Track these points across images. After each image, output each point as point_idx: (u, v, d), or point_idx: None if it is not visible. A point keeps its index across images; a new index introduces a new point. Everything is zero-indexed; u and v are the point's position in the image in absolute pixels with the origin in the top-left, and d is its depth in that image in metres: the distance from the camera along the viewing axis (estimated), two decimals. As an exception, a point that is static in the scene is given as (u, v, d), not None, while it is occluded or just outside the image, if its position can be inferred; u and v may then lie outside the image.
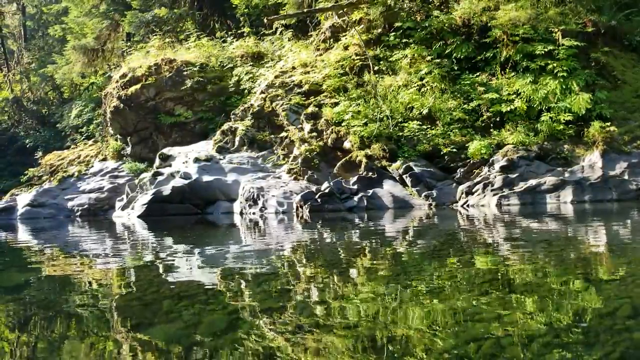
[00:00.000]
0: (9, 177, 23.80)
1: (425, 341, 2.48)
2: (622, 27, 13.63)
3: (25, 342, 2.78)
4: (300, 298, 3.46)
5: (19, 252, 7.29)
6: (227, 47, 17.86)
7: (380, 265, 4.58)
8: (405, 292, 3.48)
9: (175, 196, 12.93)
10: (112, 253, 6.52)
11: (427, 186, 11.59)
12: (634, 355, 2.23)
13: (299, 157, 13.04)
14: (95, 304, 3.59)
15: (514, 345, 2.35)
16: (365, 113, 12.62)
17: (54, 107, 27.42)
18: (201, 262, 5.32)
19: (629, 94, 12.62)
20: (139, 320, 3.10)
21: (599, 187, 10.84)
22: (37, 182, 18.52)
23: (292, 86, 14.36)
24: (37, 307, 3.52)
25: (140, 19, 21.48)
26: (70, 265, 5.59)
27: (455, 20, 13.63)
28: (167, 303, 3.45)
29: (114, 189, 15.67)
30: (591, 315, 2.80)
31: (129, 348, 2.58)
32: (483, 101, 12.39)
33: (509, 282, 3.67)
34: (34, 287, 4.37)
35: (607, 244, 5.53)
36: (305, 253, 5.74)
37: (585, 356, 2.21)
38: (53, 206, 15.71)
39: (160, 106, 16.86)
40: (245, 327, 2.81)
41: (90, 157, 18.84)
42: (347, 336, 2.58)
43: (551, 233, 6.61)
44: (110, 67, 22.75)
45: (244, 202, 12.50)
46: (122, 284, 4.35)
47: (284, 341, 2.56)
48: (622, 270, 3.95)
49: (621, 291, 3.25)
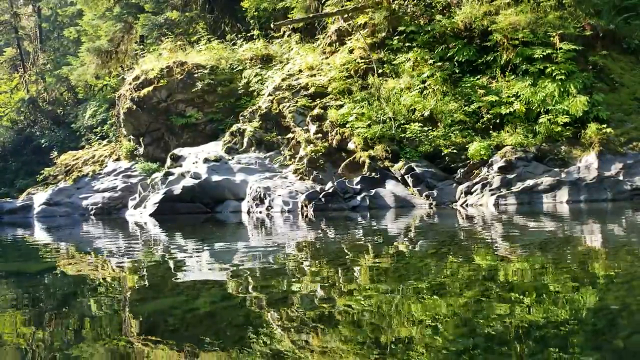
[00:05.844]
0: (25, 176, 24.40)
1: (427, 337, 2.56)
2: (621, 30, 13.89)
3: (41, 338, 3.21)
4: (304, 294, 3.61)
5: (39, 249, 7.78)
6: (237, 50, 18.27)
7: (382, 263, 4.79)
8: (407, 288, 3.59)
9: (185, 195, 13.42)
10: (126, 250, 6.99)
11: (428, 186, 11.98)
12: (631, 353, 2.30)
13: (304, 157, 13.48)
14: (109, 300, 4.03)
15: (513, 342, 2.44)
16: (369, 115, 13.02)
17: (69, 108, 28.01)
18: (211, 258, 5.68)
19: (626, 96, 12.92)
20: (148, 316, 3.40)
21: (594, 187, 11.16)
22: (53, 181, 19.07)
23: (299, 89, 14.79)
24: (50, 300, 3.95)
25: (152, 22, 22.00)
26: (85, 261, 6.06)
27: (457, 25, 13.98)
28: (176, 298, 3.86)
29: (127, 188, 16.17)
30: (588, 313, 2.88)
31: (139, 345, 2.75)
32: (483, 103, 12.74)
33: (508, 280, 3.79)
34: (50, 279, 4.84)
35: (602, 242, 5.71)
36: (310, 250, 6.03)
37: (583, 353, 2.27)
38: (68, 205, 16.25)
39: (171, 108, 17.35)
40: (253, 322, 2.96)
41: (104, 157, 19.37)
42: (350, 331, 2.69)
43: (547, 232, 6.87)
44: (124, 69, 23.27)
45: (251, 201, 12.97)
46: (135, 278, 4.80)
47: (289, 336, 2.67)
48: (617, 267, 4.10)
49: (617, 288, 3.36)
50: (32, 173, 22.44)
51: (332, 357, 2.41)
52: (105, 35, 23.69)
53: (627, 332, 2.57)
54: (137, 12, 23.38)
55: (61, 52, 31.07)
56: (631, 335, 2.52)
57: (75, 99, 28.35)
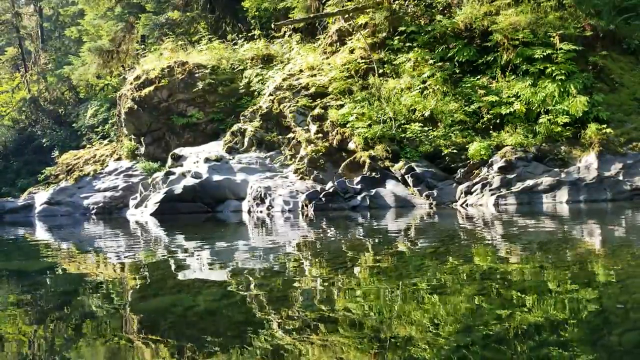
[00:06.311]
0: (26, 175, 24.43)
1: (426, 334, 2.59)
2: (621, 30, 13.91)
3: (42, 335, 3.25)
4: (304, 293, 3.65)
5: (40, 248, 7.82)
6: (238, 50, 18.31)
7: (382, 262, 4.81)
8: (407, 288, 3.61)
9: (186, 195, 13.46)
10: (127, 249, 7.03)
11: (428, 186, 12.01)
12: (630, 353, 2.30)
13: (305, 157, 13.51)
14: (109, 298, 4.07)
15: (510, 339, 2.46)
16: (370, 115, 13.05)
17: (70, 107, 28.05)
18: (211, 257, 5.72)
19: (626, 96, 12.94)
20: (149, 314, 3.43)
21: (594, 188, 11.18)
22: (54, 180, 19.12)
23: (299, 89, 14.83)
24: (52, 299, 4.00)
25: (154, 22, 22.06)
26: (86, 260, 6.09)
27: (457, 25, 14.01)
28: (177, 296, 3.90)
29: (128, 188, 16.22)
30: (588, 312, 2.90)
31: (140, 343, 2.78)
32: (483, 103, 12.77)
33: (507, 279, 3.82)
34: (51, 277, 4.88)
35: (602, 242, 5.74)
36: (310, 250, 6.07)
37: (582, 353, 2.28)
38: (69, 204, 16.30)
39: (173, 107, 17.39)
40: (253, 320, 3.00)
41: (105, 156, 19.41)
42: (350, 328, 2.73)
43: (547, 232, 6.91)
44: (125, 69, 23.32)
45: (251, 200, 13.01)
46: (136, 276, 4.83)
47: (289, 334, 2.69)
48: (617, 267, 4.12)
49: (617, 289, 3.39)
50: (34, 172, 22.49)
51: (332, 353, 2.43)
52: (107, 35, 23.75)
53: (621, 330, 2.60)
54: (139, 11, 23.44)
55: (62, 51, 31.12)
56: (625, 332, 2.56)
57: (76, 99, 28.40)
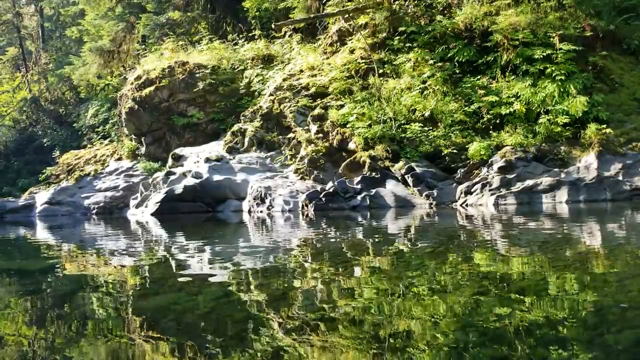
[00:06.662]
0: (27, 175, 24.43)
1: (425, 333, 2.60)
2: (621, 31, 13.92)
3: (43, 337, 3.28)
4: (304, 292, 3.67)
5: (40, 248, 7.85)
6: (239, 50, 18.33)
7: (383, 262, 4.84)
8: (407, 287, 3.63)
9: (187, 195, 13.48)
10: (128, 248, 7.05)
11: (428, 186, 12.03)
12: (627, 352, 2.32)
13: (305, 157, 13.53)
14: (110, 296, 4.09)
15: (509, 338, 2.47)
16: (370, 115, 13.07)
17: (71, 107, 28.05)
18: (212, 257, 5.74)
19: (625, 96, 12.96)
20: (149, 313, 3.46)
21: (593, 188, 11.20)
22: (55, 180, 19.15)
23: (300, 89, 14.85)
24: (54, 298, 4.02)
25: (154, 22, 22.07)
26: (87, 259, 6.12)
27: (457, 25, 14.03)
28: (177, 295, 3.92)
29: (129, 188, 16.25)
30: (586, 312, 2.91)
31: (141, 341, 2.79)
32: (483, 104, 12.79)
33: (506, 279, 3.84)
34: (53, 276, 4.90)
35: (601, 242, 5.76)
36: (310, 249, 6.08)
37: (581, 351, 2.29)
38: (70, 204, 16.34)
39: (173, 107, 17.42)
40: (253, 319, 3.01)
41: (106, 156, 19.44)
42: (350, 328, 2.74)
43: (546, 231, 6.93)
44: (126, 69, 23.34)
45: (252, 200, 13.04)
46: (136, 275, 4.86)
47: (289, 333, 2.70)
48: (615, 267, 4.15)
49: (615, 288, 3.40)
50: (34, 172, 22.49)
51: (332, 353, 2.44)
52: (108, 35, 23.76)
53: (619, 329, 2.62)
54: (139, 12, 23.46)
55: (63, 51, 31.13)
56: (622, 331, 2.58)
57: (77, 99, 28.40)
